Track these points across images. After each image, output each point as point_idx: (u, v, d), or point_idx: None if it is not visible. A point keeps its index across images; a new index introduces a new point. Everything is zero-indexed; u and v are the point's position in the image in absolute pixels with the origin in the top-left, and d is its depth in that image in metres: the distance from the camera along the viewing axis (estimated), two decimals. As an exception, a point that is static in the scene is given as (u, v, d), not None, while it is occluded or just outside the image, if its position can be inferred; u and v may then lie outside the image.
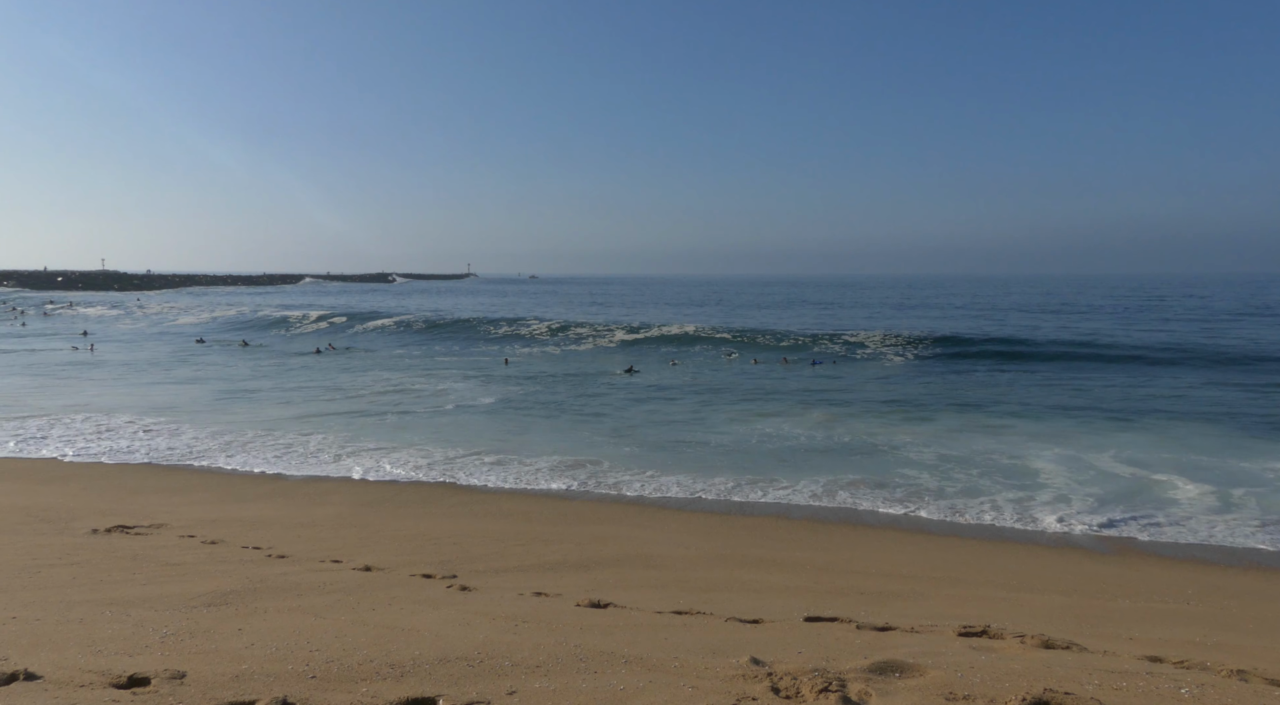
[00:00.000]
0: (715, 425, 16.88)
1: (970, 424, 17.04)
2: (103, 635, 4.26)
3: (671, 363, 30.09)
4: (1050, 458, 13.56)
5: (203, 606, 5.00)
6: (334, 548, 7.45)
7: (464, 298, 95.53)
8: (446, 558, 7.24)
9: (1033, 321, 47.67)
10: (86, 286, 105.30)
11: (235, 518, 8.98)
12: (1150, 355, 27.67)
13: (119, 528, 7.99)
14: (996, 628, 4.93)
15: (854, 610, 5.68)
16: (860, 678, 3.73)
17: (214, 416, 17.44)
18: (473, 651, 4.06)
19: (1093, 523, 10.03)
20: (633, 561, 7.48)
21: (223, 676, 3.63)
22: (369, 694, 3.49)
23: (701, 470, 12.59)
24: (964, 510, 10.58)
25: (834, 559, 8.13)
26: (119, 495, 10.29)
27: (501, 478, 12.05)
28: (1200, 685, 3.73)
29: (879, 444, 14.85)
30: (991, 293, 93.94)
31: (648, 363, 28.78)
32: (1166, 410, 18.71)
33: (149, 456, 13.34)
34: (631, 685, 3.63)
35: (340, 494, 10.88)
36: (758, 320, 48.17)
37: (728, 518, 10.17)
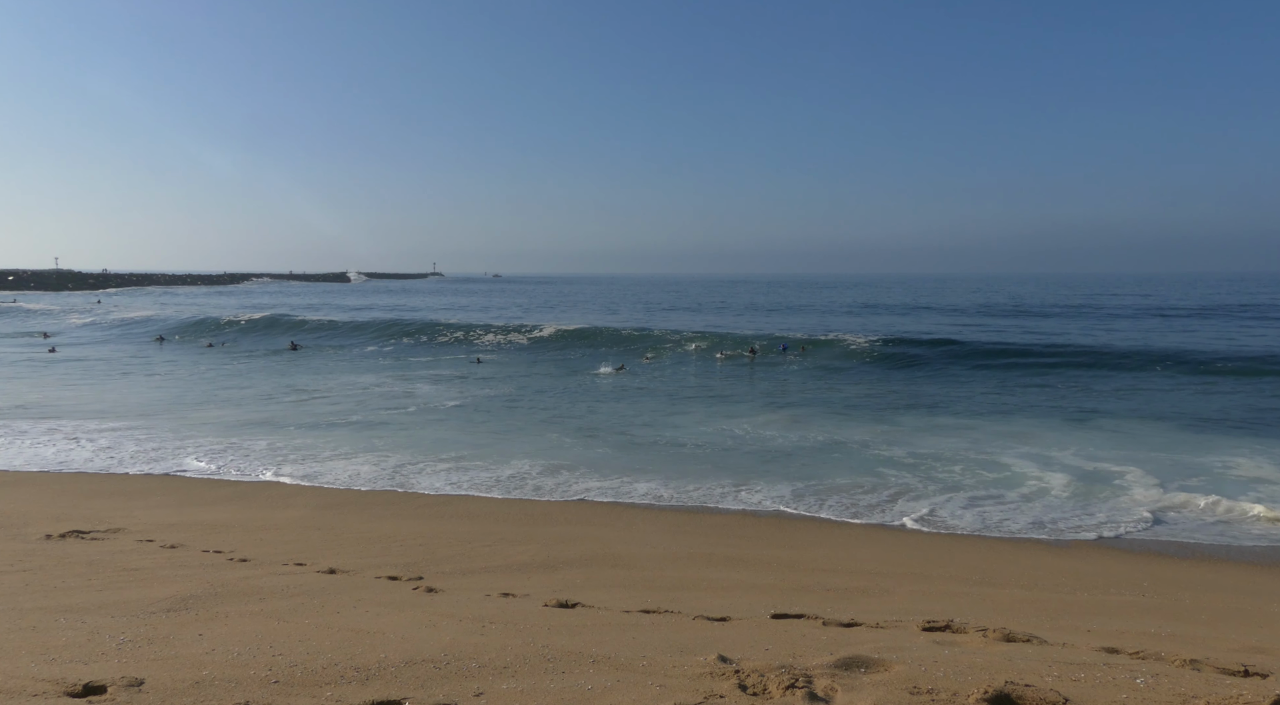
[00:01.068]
0: (684, 424, 16.93)
1: (930, 423, 17.28)
2: (57, 643, 4.15)
3: (645, 357, 30.10)
4: (1013, 455, 13.80)
5: (162, 612, 4.90)
6: (297, 551, 7.34)
7: (399, 297, 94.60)
8: (412, 559, 7.18)
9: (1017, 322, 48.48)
10: (39, 286, 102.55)
11: (195, 521, 8.81)
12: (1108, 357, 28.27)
13: (74, 533, 7.79)
14: (959, 622, 5.00)
15: (820, 607, 5.74)
16: (826, 674, 3.76)
17: (162, 419, 17.10)
18: (439, 653, 4.02)
19: (1052, 518, 10.24)
20: (600, 561, 7.48)
21: (182, 683, 3.56)
22: (333, 698, 3.45)
23: (672, 470, 12.61)
24: (929, 508, 10.73)
25: (801, 556, 8.20)
26: (73, 500, 10.04)
27: (467, 479, 11.96)
28: (1155, 675, 3.82)
29: (841, 442, 14.99)
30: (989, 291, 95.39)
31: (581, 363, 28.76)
32: (1114, 410, 19.16)
33: (105, 461, 13.03)
34: (599, 685, 3.63)
35: (303, 497, 10.72)
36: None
37: (695, 516, 10.20)
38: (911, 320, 50.09)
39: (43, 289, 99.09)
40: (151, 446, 13.94)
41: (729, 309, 65.82)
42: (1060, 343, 32.49)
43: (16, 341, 37.81)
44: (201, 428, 15.91)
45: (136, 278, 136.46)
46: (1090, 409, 19.16)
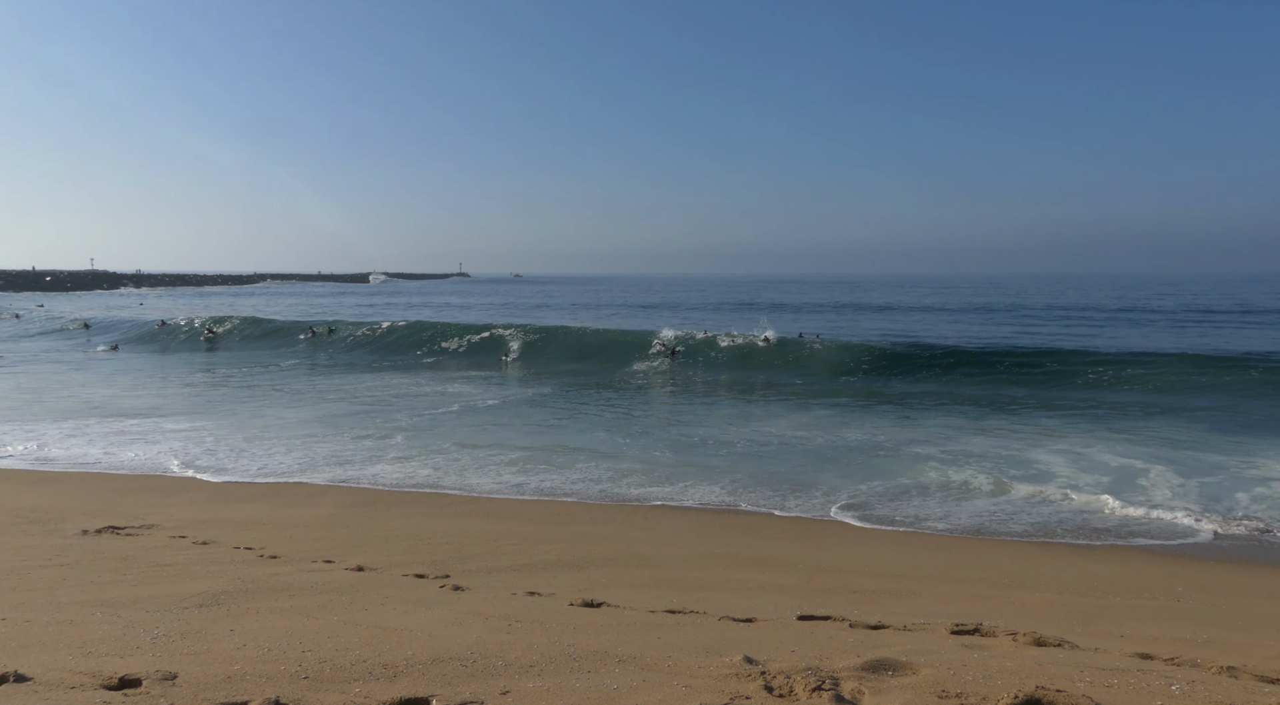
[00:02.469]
0: (703, 417, 16.89)
1: (957, 424, 17.10)
2: (93, 636, 4.24)
3: (672, 353, 29.96)
4: (1044, 454, 13.62)
5: (194, 607, 4.98)
6: (326, 548, 7.42)
7: (415, 297, 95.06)
8: (439, 557, 7.23)
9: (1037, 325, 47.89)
10: (75, 286, 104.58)
11: (226, 518, 8.94)
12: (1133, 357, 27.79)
13: (109, 528, 7.94)
14: (989, 626, 4.95)
15: (847, 609, 5.70)
16: (853, 676, 3.74)
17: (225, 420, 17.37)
18: (466, 651, 4.05)
19: (1083, 520, 10.09)
20: (625, 561, 7.48)
21: (215, 677, 3.62)
22: (362, 694, 3.48)
23: (700, 468, 12.59)
24: (954, 509, 10.62)
25: (826, 557, 8.15)
26: (108, 496, 10.22)
27: (495, 478, 12.02)
28: (1190, 682, 3.75)
29: (867, 442, 14.88)
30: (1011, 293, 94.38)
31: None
32: (1145, 407, 18.82)
33: (146, 460, 13.22)
34: (625, 684, 3.63)
35: (331, 495, 10.84)
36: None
37: (720, 515, 10.17)
38: (934, 320, 49.63)
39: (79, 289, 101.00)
40: (225, 449, 13.83)
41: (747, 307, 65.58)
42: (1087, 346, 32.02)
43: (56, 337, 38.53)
44: (268, 428, 15.99)
45: (169, 278, 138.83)
46: (1120, 407, 18.86)
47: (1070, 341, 34.00)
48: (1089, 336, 36.92)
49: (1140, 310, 55.93)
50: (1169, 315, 50.94)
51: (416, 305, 73.93)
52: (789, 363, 27.02)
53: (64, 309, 52.30)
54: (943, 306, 62.85)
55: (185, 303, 71.86)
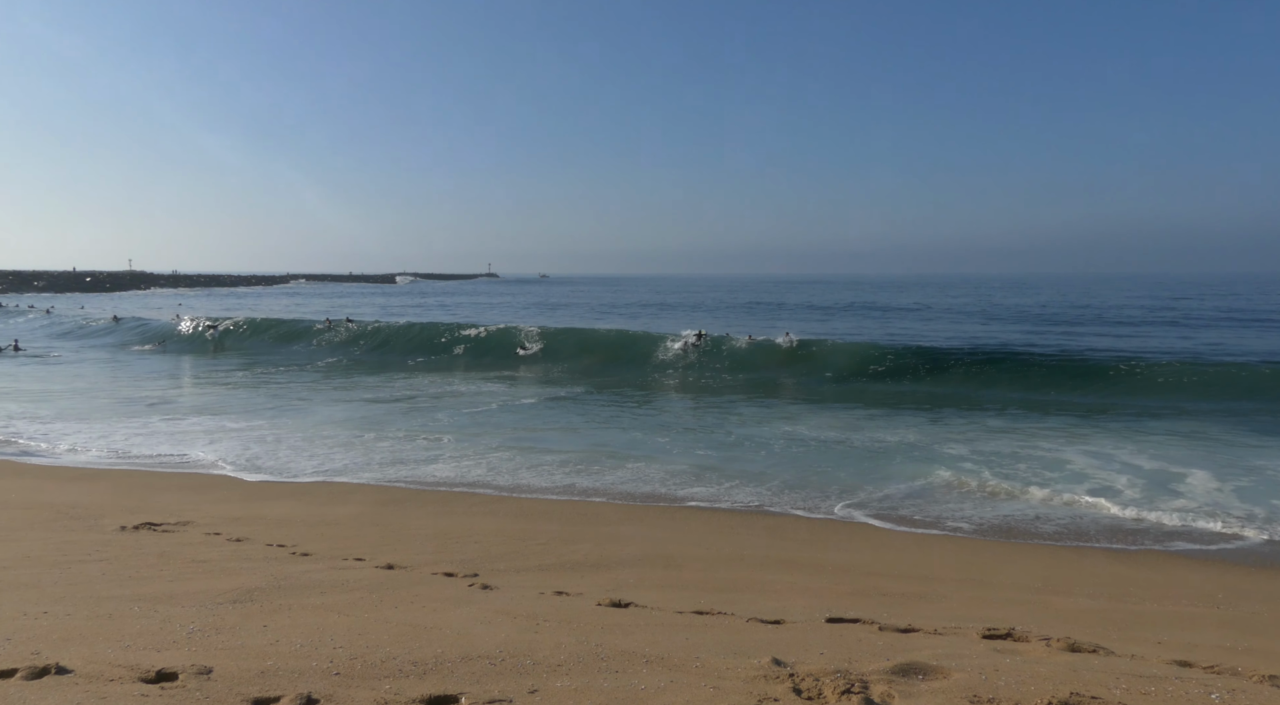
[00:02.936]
0: (734, 417, 16.85)
1: (984, 425, 16.89)
2: (131, 630, 4.32)
3: (699, 335, 29.82)
4: (1074, 454, 13.40)
5: (228, 603, 5.06)
6: (356, 546, 7.50)
7: (442, 298, 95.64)
8: (467, 556, 7.28)
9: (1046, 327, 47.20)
10: (114, 287, 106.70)
11: (259, 515, 9.07)
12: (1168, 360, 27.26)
13: (146, 525, 8.09)
14: (1021, 630, 4.88)
15: (876, 611, 5.65)
16: (883, 680, 3.71)
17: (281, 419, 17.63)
18: (494, 650, 4.07)
19: (1117, 524, 9.91)
20: (653, 561, 7.48)
21: (248, 672, 3.67)
22: (392, 691, 3.51)
23: (731, 469, 12.57)
24: (985, 512, 10.49)
25: (855, 560, 8.09)
26: (145, 493, 10.42)
27: (521, 477, 12.08)
28: (1231, 690, 3.67)
29: (902, 442, 14.75)
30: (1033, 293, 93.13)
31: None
32: (1180, 411, 18.45)
33: (212, 458, 13.38)
34: (653, 685, 3.63)
35: (361, 493, 10.96)
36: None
37: (748, 517, 10.14)
38: (962, 321, 49.06)
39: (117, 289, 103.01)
40: (286, 449, 13.98)
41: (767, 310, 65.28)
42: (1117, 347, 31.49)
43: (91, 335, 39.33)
44: (322, 426, 16.17)
45: (204, 278, 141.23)
46: (1151, 410, 18.52)
47: (1099, 342, 33.49)
48: (1118, 337, 36.30)
49: (1174, 311, 54.88)
50: (1204, 316, 49.95)
51: (448, 305, 74.84)
52: (813, 363, 26.82)
53: (105, 309, 53.27)
54: (970, 308, 62.12)
55: (220, 302, 73.11)
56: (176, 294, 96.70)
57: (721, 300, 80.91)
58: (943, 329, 43.11)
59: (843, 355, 26.93)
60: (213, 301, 76.62)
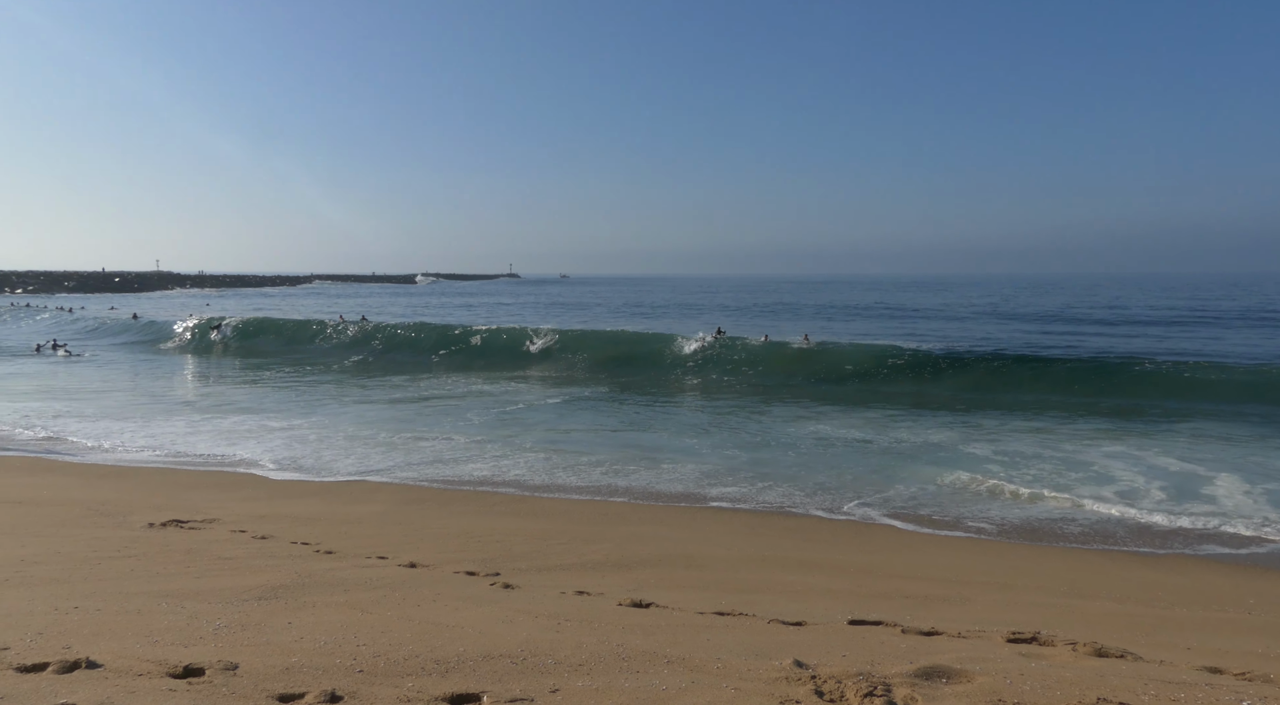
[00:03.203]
0: (755, 417, 16.81)
1: (1012, 424, 16.71)
2: (159, 626, 4.38)
3: (718, 332, 29.74)
4: (1100, 456, 13.23)
5: (254, 600, 5.12)
6: (379, 544, 7.56)
7: (463, 297, 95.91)
8: (489, 555, 7.31)
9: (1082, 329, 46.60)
10: (142, 287, 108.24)
11: (284, 513, 9.16)
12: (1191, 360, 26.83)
13: (174, 522, 8.20)
14: (1047, 634, 4.83)
15: (898, 614, 5.61)
16: (906, 683, 3.68)
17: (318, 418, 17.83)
18: (516, 649, 4.09)
19: (1145, 527, 9.77)
20: (674, 561, 7.47)
21: (273, 668, 3.71)
22: (414, 689, 3.54)
23: (747, 467, 12.54)
24: (1009, 512, 10.38)
25: (877, 561, 8.03)
26: (173, 491, 10.56)
27: (558, 477, 12.11)
28: (1263, 698, 3.61)
29: (926, 443, 14.63)
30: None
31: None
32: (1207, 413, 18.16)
33: (256, 457, 13.49)
34: (674, 685, 3.63)
35: (385, 492, 11.04)
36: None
37: (769, 517, 10.10)
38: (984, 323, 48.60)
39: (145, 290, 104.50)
40: (329, 448, 14.10)
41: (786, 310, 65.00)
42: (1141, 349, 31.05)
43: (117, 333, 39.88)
44: (362, 426, 16.32)
45: (229, 278, 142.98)
46: (1180, 412, 18.24)
47: (1125, 343, 33.04)
48: (1145, 338, 35.79)
49: (1202, 312, 54.03)
50: (1232, 317, 49.13)
51: (471, 305, 75.17)
52: (832, 364, 26.56)
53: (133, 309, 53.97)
54: (993, 309, 61.52)
55: (245, 302, 73.95)
56: (203, 294, 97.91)
57: (742, 301, 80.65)
58: (962, 329, 42.73)
59: (862, 356, 26.71)
60: (237, 301, 77.51)
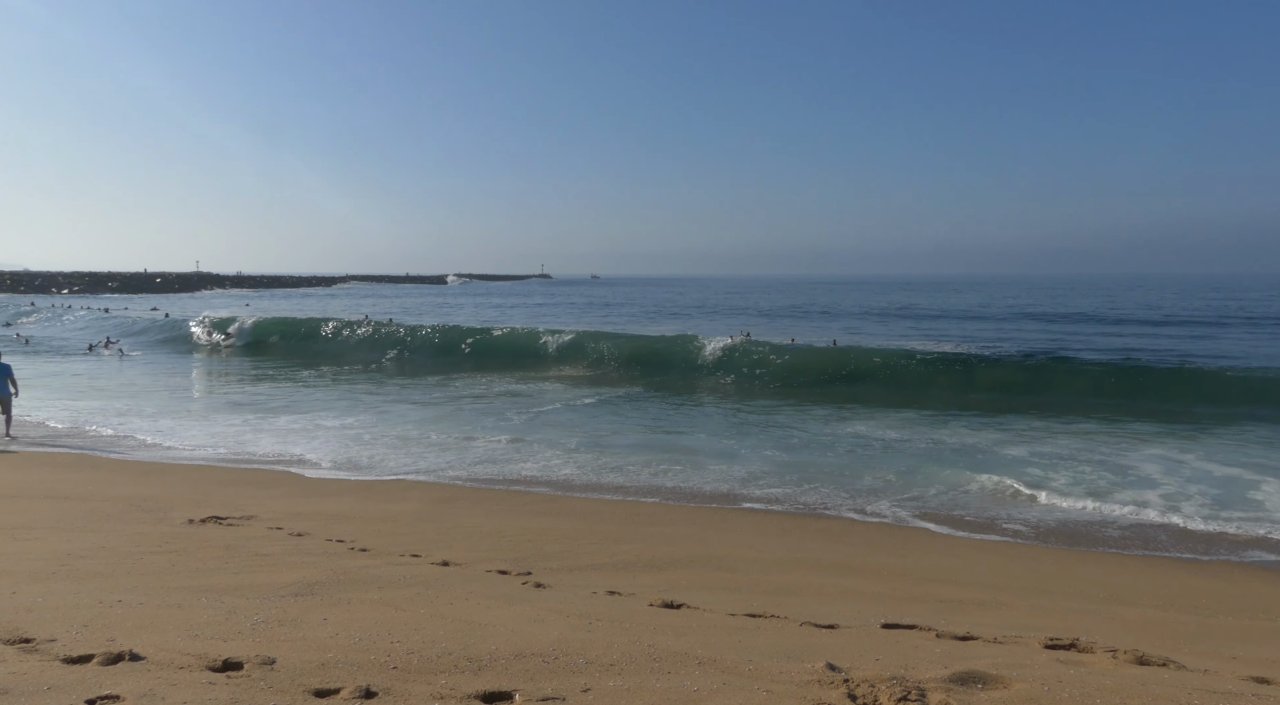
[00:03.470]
0: (789, 418, 16.72)
1: (1048, 426, 16.43)
2: (199, 620, 4.47)
3: (744, 334, 29.61)
4: (1139, 459, 12.96)
5: (290, 596, 5.19)
6: (413, 542, 7.63)
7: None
8: (521, 554, 7.35)
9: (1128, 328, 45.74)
10: (182, 288, 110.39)
11: (319, 511, 9.29)
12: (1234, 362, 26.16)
13: (212, 518, 8.36)
14: (1085, 641, 4.74)
15: (933, 618, 5.54)
16: (940, 688, 3.64)
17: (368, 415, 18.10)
18: (547, 648, 4.11)
19: (1187, 532, 9.55)
20: (705, 562, 7.45)
21: (310, 664, 3.76)
22: (448, 686, 3.57)
23: (782, 469, 12.47)
24: (1046, 516, 10.20)
25: (911, 565, 7.95)
26: (211, 488, 10.76)
27: (582, 476, 12.16)
28: (1312, 709, 3.52)
29: (960, 444, 14.45)
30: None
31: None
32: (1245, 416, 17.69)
33: (325, 456, 13.66)
34: (705, 687, 3.62)
35: (418, 491, 11.15)
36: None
37: (801, 519, 10.04)
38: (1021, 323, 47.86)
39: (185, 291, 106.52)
40: (383, 447, 14.27)
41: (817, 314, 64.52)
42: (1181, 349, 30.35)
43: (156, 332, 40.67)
44: (413, 425, 16.50)
45: (266, 279, 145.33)
46: (1221, 417, 17.79)
47: (1165, 343, 32.35)
48: (1187, 339, 34.99)
49: (1243, 313, 52.70)
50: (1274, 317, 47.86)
51: (500, 306, 75.68)
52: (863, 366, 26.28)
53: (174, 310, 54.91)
54: (1028, 310, 60.55)
55: (283, 302, 75.15)
56: (241, 294, 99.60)
57: (775, 302, 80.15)
58: (998, 330, 42.13)
59: (893, 358, 26.43)
60: (274, 302, 78.76)
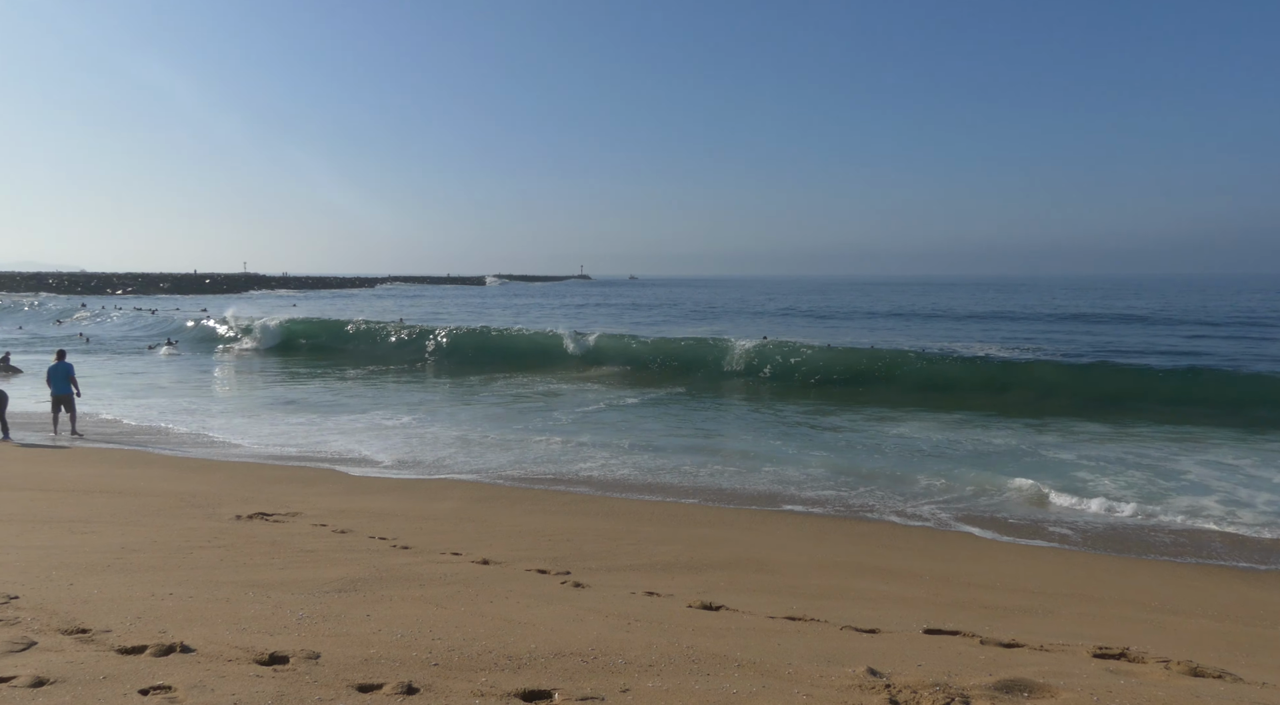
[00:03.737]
0: (840, 424, 16.57)
1: (1096, 430, 16.05)
2: (246, 614, 4.56)
3: (763, 338, 29.43)
4: (1192, 464, 12.60)
5: (334, 592, 5.28)
6: (453, 541, 7.71)
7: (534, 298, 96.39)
8: (560, 554, 7.38)
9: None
10: (230, 289, 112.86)
11: (362, 509, 9.43)
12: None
13: (259, 515, 8.54)
14: (1136, 650, 4.62)
15: (976, 624, 5.45)
16: (985, 695, 3.57)
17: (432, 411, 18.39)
18: (586, 647, 4.12)
19: (1243, 540, 9.26)
20: (744, 565, 7.42)
21: (353, 659, 3.82)
22: (488, 684, 3.59)
23: (824, 471, 12.37)
24: (1094, 522, 9.97)
25: (954, 570, 7.82)
26: (258, 485, 10.98)
27: (664, 477, 12.18)
28: (1377, 725, 3.38)
29: (1007, 447, 14.19)
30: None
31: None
32: None
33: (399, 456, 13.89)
34: (744, 689, 3.60)
35: (458, 490, 11.26)
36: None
37: (841, 523, 9.94)
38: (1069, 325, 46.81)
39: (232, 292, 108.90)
40: (443, 447, 14.44)
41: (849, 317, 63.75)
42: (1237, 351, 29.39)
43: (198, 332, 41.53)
44: (472, 425, 16.75)
45: (311, 280, 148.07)
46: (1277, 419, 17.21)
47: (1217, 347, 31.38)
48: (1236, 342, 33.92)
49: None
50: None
51: (542, 306, 76.23)
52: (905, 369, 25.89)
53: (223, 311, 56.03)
54: (1077, 311, 59.23)
55: (327, 303, 76.50)
56: (288, 295, 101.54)
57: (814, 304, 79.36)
58: (1047, 332, 41.27)
59: (939, 360, 26.03)
60: (320, 303, 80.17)
